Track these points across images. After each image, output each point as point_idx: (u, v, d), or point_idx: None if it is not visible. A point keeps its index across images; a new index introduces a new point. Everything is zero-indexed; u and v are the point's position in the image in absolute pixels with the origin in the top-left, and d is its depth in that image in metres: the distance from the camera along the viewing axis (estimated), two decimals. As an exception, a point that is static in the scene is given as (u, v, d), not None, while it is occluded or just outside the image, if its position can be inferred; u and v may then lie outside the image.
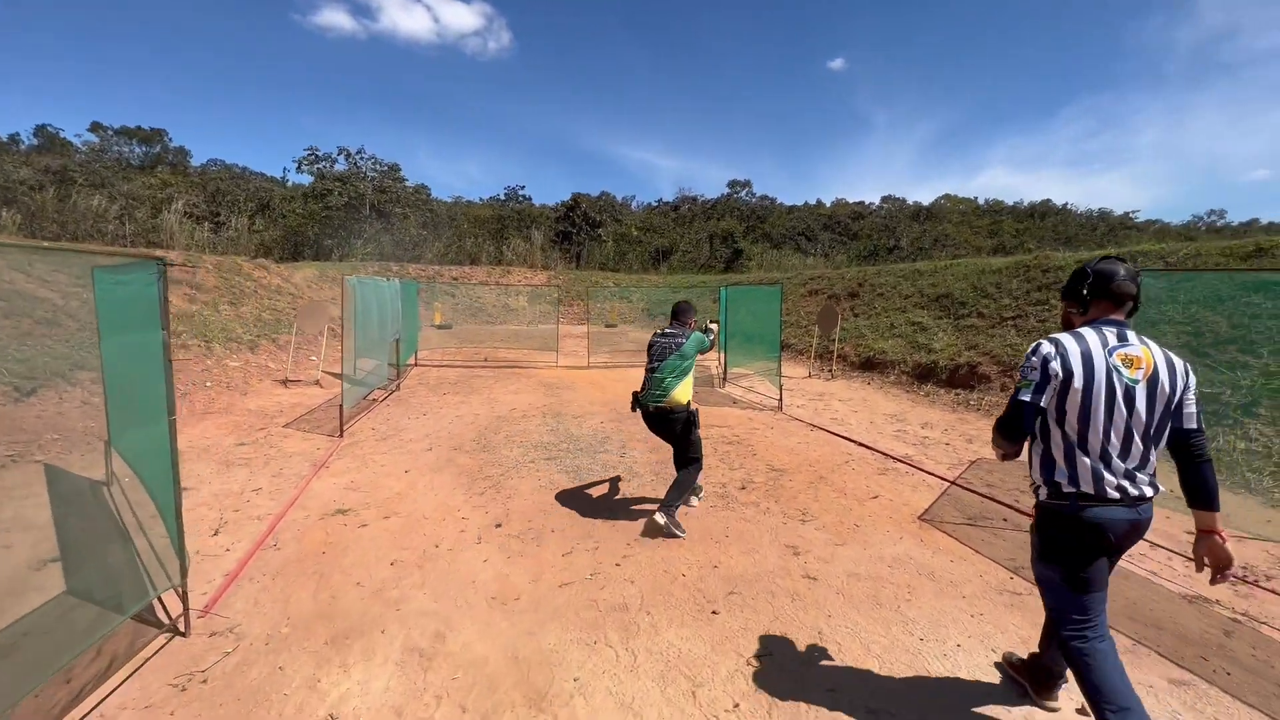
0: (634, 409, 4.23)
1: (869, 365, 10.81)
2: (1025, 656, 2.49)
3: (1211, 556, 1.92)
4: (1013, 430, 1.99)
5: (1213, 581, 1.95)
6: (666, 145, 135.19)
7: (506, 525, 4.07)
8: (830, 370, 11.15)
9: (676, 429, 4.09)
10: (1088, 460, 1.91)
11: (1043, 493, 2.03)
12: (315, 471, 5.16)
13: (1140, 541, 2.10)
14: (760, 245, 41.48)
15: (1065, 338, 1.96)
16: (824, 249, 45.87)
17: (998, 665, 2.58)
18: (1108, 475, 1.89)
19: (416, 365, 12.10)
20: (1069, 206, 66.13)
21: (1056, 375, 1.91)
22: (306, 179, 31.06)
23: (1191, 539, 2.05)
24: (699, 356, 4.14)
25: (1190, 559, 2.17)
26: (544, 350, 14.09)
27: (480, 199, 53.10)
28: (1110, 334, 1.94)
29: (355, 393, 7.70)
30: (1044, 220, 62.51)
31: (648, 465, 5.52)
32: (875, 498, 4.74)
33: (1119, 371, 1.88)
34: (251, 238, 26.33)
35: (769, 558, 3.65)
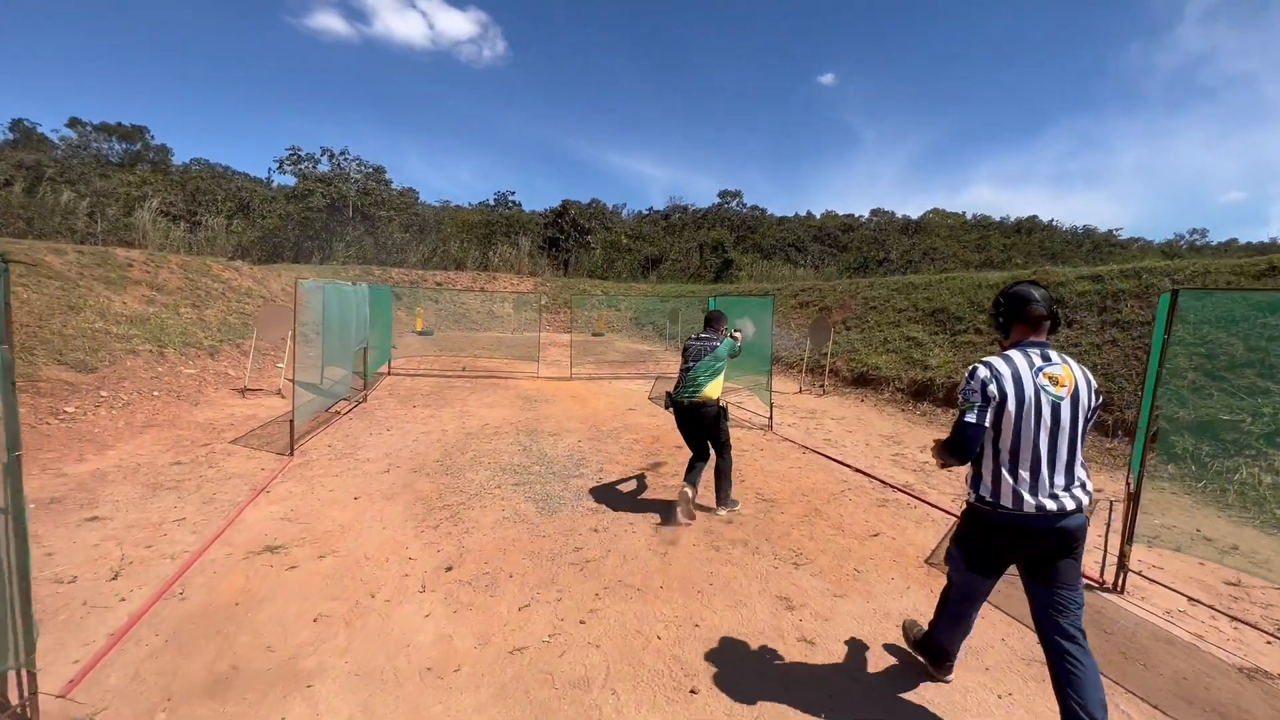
0: (667, 407, 4.69)
1: (862, 381, 10.40)
2: (925, 629, 2.66)
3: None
4: (962, 451, 2.09)
5: None
6: (658, 155, 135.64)
7: (458, 568, 3.54)
8: (822, 386, 10.72)
9: (708, 421, 4.51)
10: (1012, 482, 2.03)
11: (971, 497, 2.17)
12: (252, 498, 4.60)
13: (1179, 596, 2.51)
14: (750, 255, 41.31)
15: (997, 360, 2.08)
16: (814, 260, 45.84)
17: (898, 645, 2.84)
18: (1028, 497, 2.01)
19: (390, 374, 11.52)
20: (1054, 223, 66.84)
21: (994, 397, 2.03)
22: (291, 180, 30.36)
23: (1231, 589, 2.30)
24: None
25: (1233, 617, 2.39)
26: (525, 360, 13.56)
27: (470, 204, 52.60)
28: (1035, 355, 2.07)
29: (314, 405, 7.13)
30: (1030, 236, 63.09)
31: (625, 494, 5.02)
32: (876, 535, 4.27)
33: (1046, 390, 2.01)
34: (229, 238, 25.54)
35: (759, 613, 3.15)
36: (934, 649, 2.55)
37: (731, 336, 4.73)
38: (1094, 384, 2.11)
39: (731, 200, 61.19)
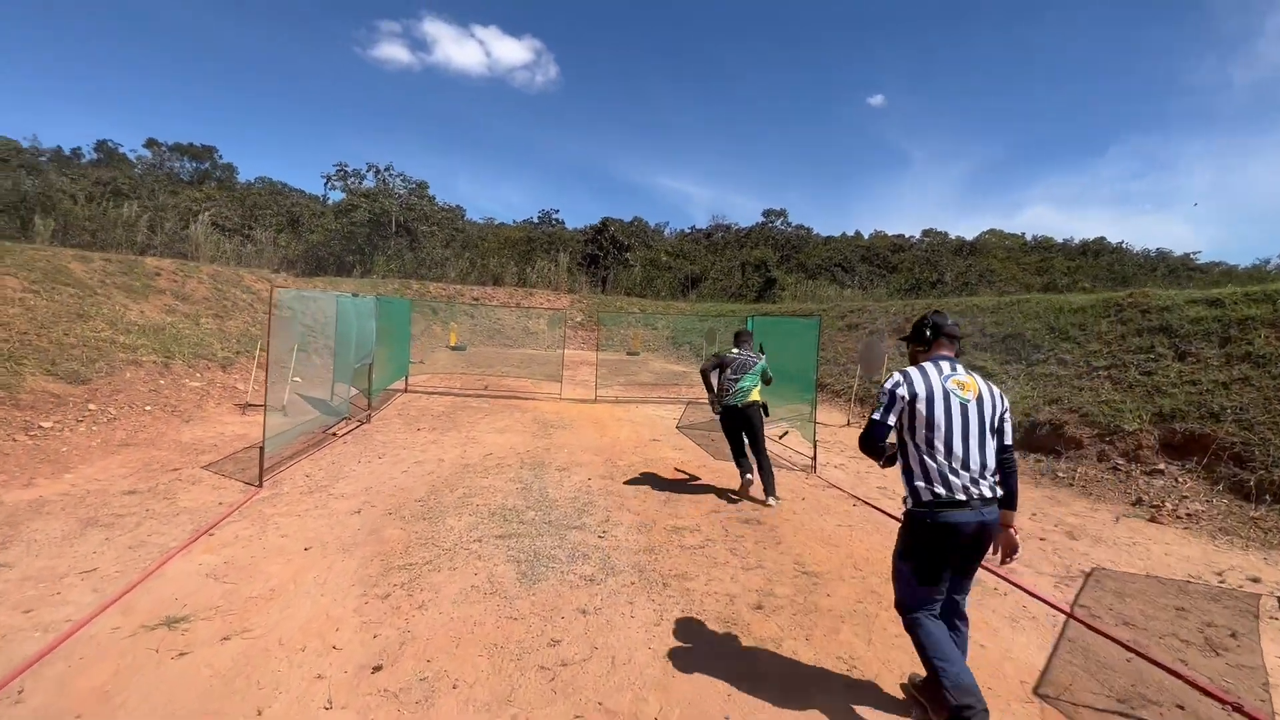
0: (716, 412, 5.52)
1: (920, 415, 9.15)
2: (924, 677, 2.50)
3: (1006, 545, 2.42)
4: (868, 444, 2.43)
5: (1002, 562, 2.47)
6: (702, 175, 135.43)
7: (390, 668, 2.67)
8: (873, 419, 9.52)
9: (755, 420, 5.35)
10: (935, 465, 2.30)
11: (909, 502, 2.39)
12: (187, 544, 3.88)
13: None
14: (794, 275, 39.97)
15: (911, 370, 2.45)
16: (861, 281, 44.11)
17: (903, 686, 2.67)
18: (953, 479, 2.27)
19: (406, 390, 10.95)
20: (1124, 245, 62.76)
21: (903, 398, 2.37)
22: (341, 195, 31.09)
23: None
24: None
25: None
26: (552, 379, 12.81)
27: (513, 221, 53.21)
28: (945, 365, 2.45)
29: (298, 429, 6.51)
30: (1098, 259, 59.33)
31: (630, 556, 4.07)
32: (957, 638, 3.18)
33: (955, 393, 2.35)
34: (276, 251, 26.12)
35: (794, 778, 2.15)
36: (953, 692, 2.19)
37: (760, 355, 5.54)
38: (998, 393, 2.45)
39: (776, 219, 59.96)
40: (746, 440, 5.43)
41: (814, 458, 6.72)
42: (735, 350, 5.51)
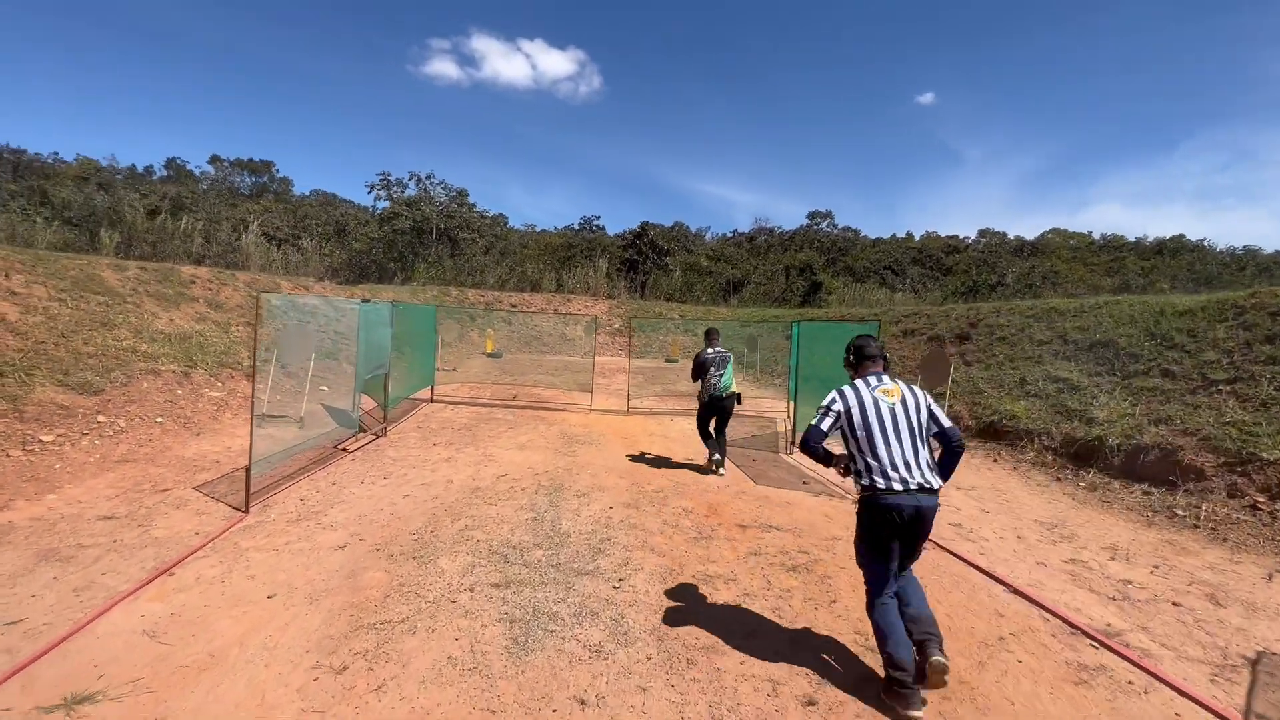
0: (704, 401, 6.41)
1: (993, 433, 8.06)
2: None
3: None
4: (807, 446, 2.84)
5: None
6: (745, 180, 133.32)
7: (315, 792, 2.02)
8: (937, 436, 8.47)
9: (730, 408, 6.45)
10: (875, 463, 2.73)
11: (859, 491, 2.83)
12: (138, 587, 3.38)
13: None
14: (841, 279, 38.38)
15: (846, 388, 2.92)
16: (913, 284, 42.09)
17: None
18: (891, 472, 2.69)
19: (433, 400, 10.54)
20: (1206, 243, 58.04)
21: (839, 412, 2.83)
22: (385, 204, 31.62)
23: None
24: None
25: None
26: (583, 389, 12.21)
27: (554, 228, 53.33)
28: (873, 380, 2.92)
29: (295, 446, 6.06)
30: (1176, 257, 55.04)
31: (649, 616, 3.33)
32: (1092, 767, 2.31)
33: (881, 399, 2.82)
34: (321, 260, 26.65)
35: None
36: (888, 667, 2.64)
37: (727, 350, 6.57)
38: (919, 390, 2.89)
39: (821, 221, 58.14)
40: (714, 424, 6.54)
41: (872, 485, 5.80)
42: (710, 350, 6.38)
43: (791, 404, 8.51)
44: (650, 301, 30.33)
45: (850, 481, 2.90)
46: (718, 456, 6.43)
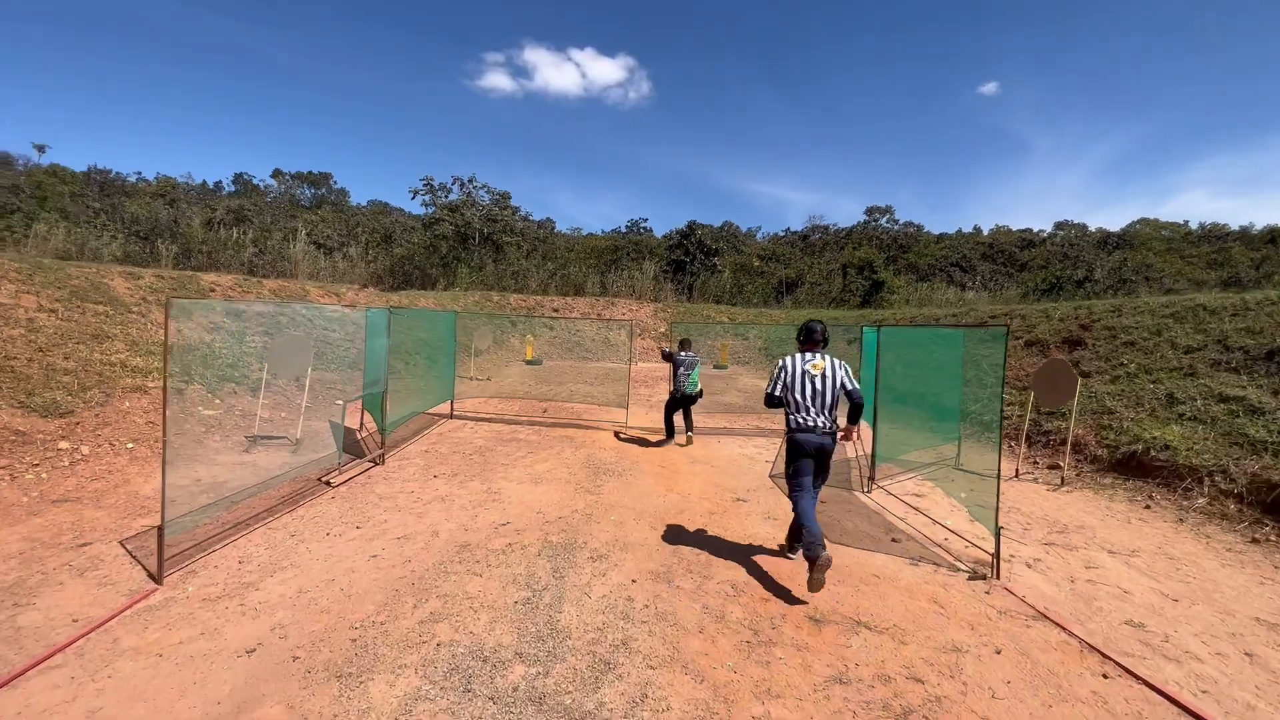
0: (674, 394, 8.00)
1: (1134, 466, 6.25)
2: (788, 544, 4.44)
3: (846, 433, 4.08)
4: (767, 404, 4.09)
5: (843, 438, 4.09)
6: (798, 178, 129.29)
7: None
8: (1060, 470, 6.71)
9: (693, 402, 8.10)
10: (798, 414, 3.96)
11: (786, 429, 4.05)
12: (-80, 732, 2.30)
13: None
14: (904, 277, 35.71)
15: (787, 357, 4.08)
16: (983, 281, 38.81)
17: (780, 547, 4.51)
18: (805, 419, 3.94)
19: (452, 416, 9.52)
20: (1326, 231, 51.49)
21: (781, 374, 4.06)
22: (432, 210, 31.52)
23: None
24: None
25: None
26: (620, 404, 10.94)
27: (602, 231, 52.55)
28: (807, 355, 4.05)
29: (242, 490, 5.03)
30: (1294, 247, 48.99)
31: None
32: None
33: (809, 371, 3.97)
34: (366, 267, 26.59)
35: None
36: (796, 532, 4.21)
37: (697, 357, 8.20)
38: (838, 363, 4.00)
39: (881, 217, 54.91)
40: (681, 412, 8.10)
41: (995, 554, 4.20)
42: (683, 353, 7.94)
43: (863, 431, 6.85)
44: (698, 304, 28.82)
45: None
46: (679, 440, 8.12)
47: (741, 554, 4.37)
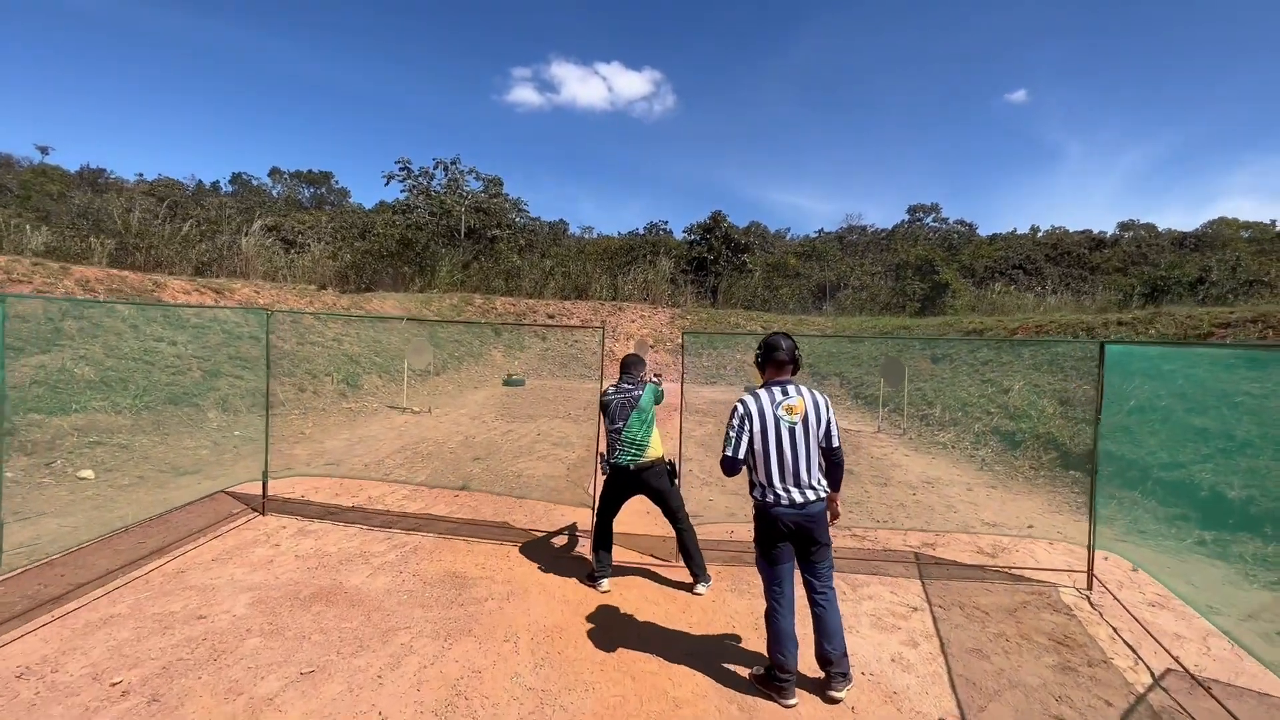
0: (605, 473, 4.00)
1: None
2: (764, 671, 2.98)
3: (832, 510, 2.96)
4: (727, 473, 2.87)
5: (830, 521, 2.94)
6: (824, 189, 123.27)
7: None
8: None
9: (658, 485, 3.92)
10: (764, 483, 2.84)
11: (755, 501, 2.92)
12: None
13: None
14: (960, 281, 30.56)
15: (748, 397, 2.87)
16: (1054, 285, 33.19)
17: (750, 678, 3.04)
18: (780, 493, 2.80)
19: (265, 505, 5.03)
20: None
21: (745, 425, 2.82)
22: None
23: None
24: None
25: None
26: (584, 484, 6.34)
27: (617, 233, 48.01)
28: (777, 391, 2.86)
29: None
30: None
31: None
32: None
33: (782, 418, 2.80)
34: (330, 264, 22.51)
35: None
36: (773, 666, 2.87)
37: (653, 380, 4.16)
38: (825, 402, 2.90)
39: (926, 215, 49.51)
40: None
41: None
42: (613, 387, 4.06)
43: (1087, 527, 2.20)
44: (723, 310, 24.06)
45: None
46: (604, 583, 3.92)
47: None
